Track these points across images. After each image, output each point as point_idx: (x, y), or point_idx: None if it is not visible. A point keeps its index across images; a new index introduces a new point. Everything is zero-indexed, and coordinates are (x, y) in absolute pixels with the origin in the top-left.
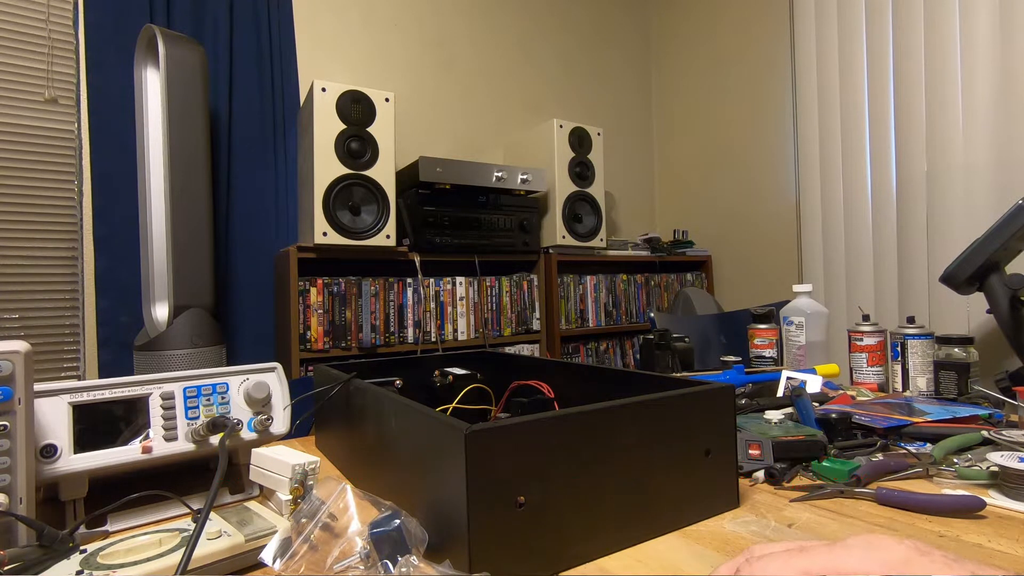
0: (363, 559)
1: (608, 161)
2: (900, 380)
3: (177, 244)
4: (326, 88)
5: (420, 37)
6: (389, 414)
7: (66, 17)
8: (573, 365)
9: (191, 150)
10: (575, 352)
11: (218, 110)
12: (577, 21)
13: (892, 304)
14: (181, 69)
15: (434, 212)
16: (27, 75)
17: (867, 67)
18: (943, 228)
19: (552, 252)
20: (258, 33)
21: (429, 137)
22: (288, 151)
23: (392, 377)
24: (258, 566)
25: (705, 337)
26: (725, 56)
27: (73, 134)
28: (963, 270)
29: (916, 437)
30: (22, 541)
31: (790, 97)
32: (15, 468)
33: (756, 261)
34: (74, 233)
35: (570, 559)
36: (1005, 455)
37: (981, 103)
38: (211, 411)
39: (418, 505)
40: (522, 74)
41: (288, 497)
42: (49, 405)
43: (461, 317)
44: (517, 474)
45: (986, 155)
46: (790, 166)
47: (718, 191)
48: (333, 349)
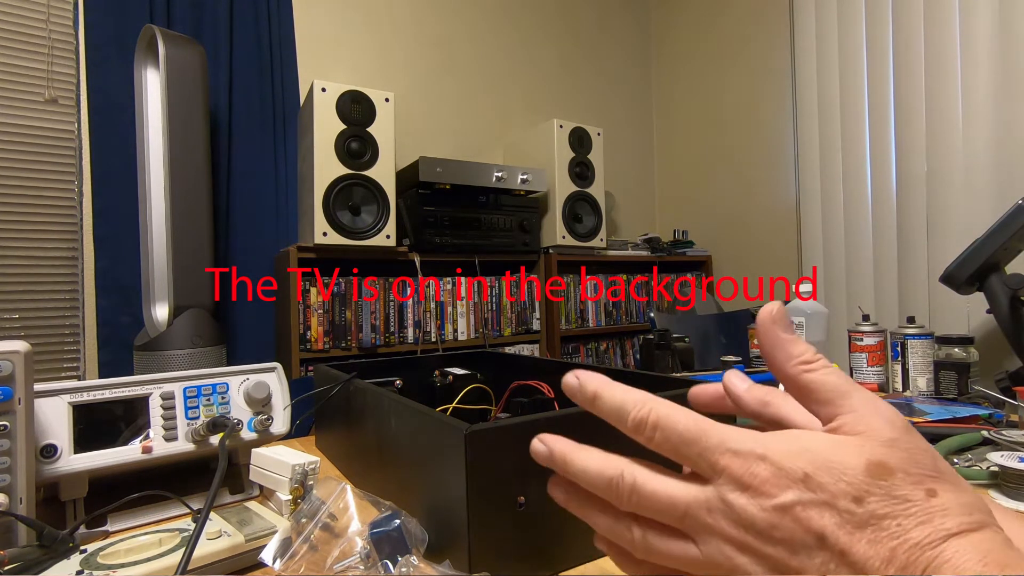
0: (363, 559)
1: (608, 161)
2: (900, 380)
3: (177, 244)
4: (326, 88)
5: (420, 37)
6: (389, 414)
7: (66, 17)
8: (573, 365)
9: (191, 150)
10: (575, 352)
11: (218, 110)
12: (577, 21)
13: (892, 304)
14: (181, 69)
15: (434, 212)
16: (27, 75)
17: (867, 67)
18: (943, 228)
19: (552, 252)
20: (258, 33)
21: (429, 137)
22: (288, 151)
23: (392, 377)
24: (258, 566)
25: (705, 337)
26: (725, 56)
27: (73, 134)
28: (963, 270)
29: None
30: (22, 541)
31: (790, 97)
32: (15, 468)
33: (756, 261)
34: (74, 233)
35: (570, 559)
36: (1005, 455)
37: (981, 103)
38: (211, 411)
39: (418, 505)
40: (522, 74)
41: (288, 497)
42: (49, 405)
43: (461, 317)
44: (517, 474)
45: (986, 155)
46: (790, 166)
47: (718, 191)
48: (333, 349)
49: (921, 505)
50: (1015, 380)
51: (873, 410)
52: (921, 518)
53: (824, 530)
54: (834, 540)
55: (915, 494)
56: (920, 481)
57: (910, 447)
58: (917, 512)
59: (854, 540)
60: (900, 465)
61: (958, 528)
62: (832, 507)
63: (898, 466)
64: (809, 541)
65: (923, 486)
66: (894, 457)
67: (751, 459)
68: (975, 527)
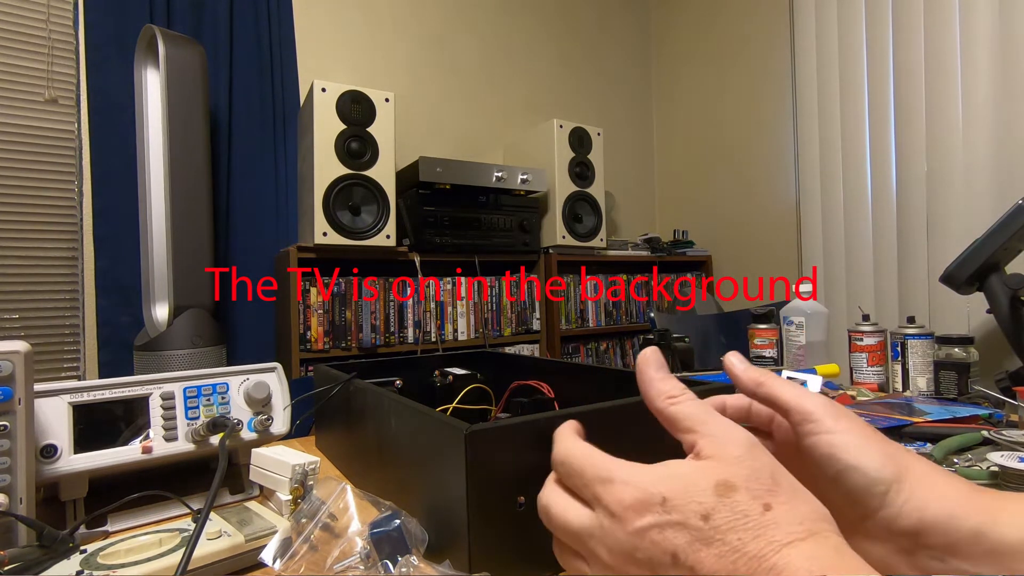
0: (363, 559)
1: (608, 161)
2: (900, 380)
3: (177, 244)
4: (326, 88)
5: (420, 37)
6: (389, 414)
7: (66, 17)
8: (573, 365)
9: (191, 150)
10: (575, 352)
11: (218, 110)
12: (577, 21)
13: (892, 304)
14: (181, 69)
15: (434, 212)
16: (27, 75)
17: (867, 68)
18: (943, 228)
19: (552, 252)
20: (258, 33)
21: (429, 137)
22: (288, 151)
23: (392, 377)
24: (258, 566)
25: (705, 337)
26: (726, 56)
27: (73, 134)
28: (963, 270)
29: (916, 437)
30: (22, 541)
31: (790, 97)
32: (15, 468)
33: (756, 261)
34: (74, 233)
35: None
36: (1005, 455)
37: (981, 103)
38: (211, 411)
39: (418, 505)
40: (522, 74)
41: (288, 497)
42: (49, 405)
43: (461, 317)
44: (517, 474)
45: (986, 155)
46: (790, 166)
47: (718, 191)
48: (333, 349)
49: (756, 519)
50: (1015, 380)
51: (725, 433)
52: (756, 532)
53: (677, 550)
54: (684, 558)
55: (753, 509)
56: (758, 496)
57: (754, 464)
58: (753, 526)
59: (702, 557)
60: (743, 482)
61: (787, 539)
62: (684, 526)
63: (741, 483)
64: (666, 561)
65: (760, 501)
66: (738, 475)
67: (619, 487)
68: (803, 536)
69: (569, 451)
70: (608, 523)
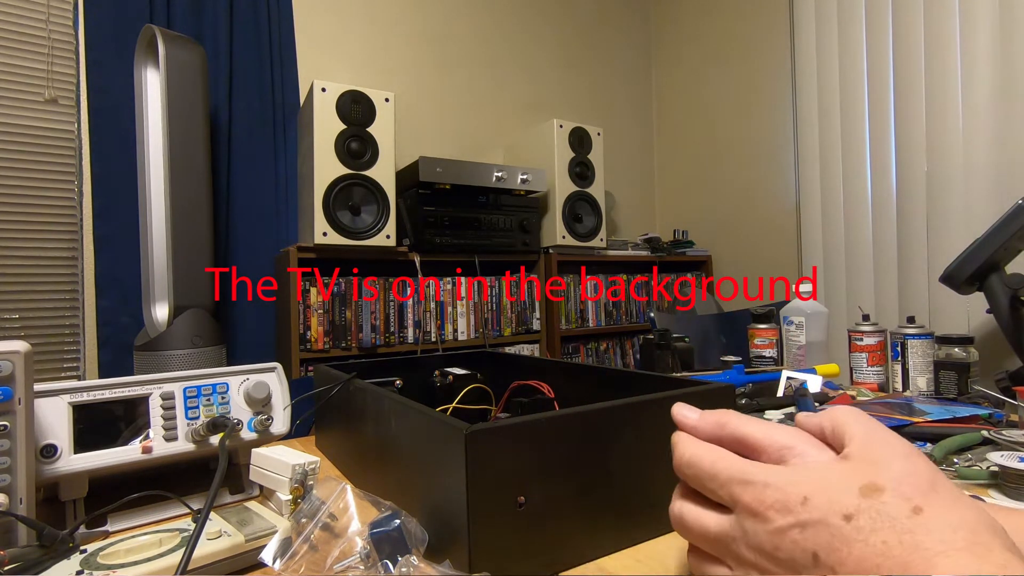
0: (363, 559)
1: (608, 161)
2: (900, 380)
3: (177, 244)
4: (326, 88)
5: (420, 37)
6: (389, 414)
7: (66, 17)
8: (573, 365)
9: (191, 150)
10: (575, 352)
11: (218, 110)
12: (577, 21)
13: (892, 304)
14: (181, 69)
15: (434, 212)
16: (27, 75)
17: (867, 68)
18: (943, 228)
19: (552, 252)
20: (258, 33)
21: (429, 137)
22: (288, 151)
23: (392, 377)
24: (258, 566)
25: (705, 337)
26: (725, 56)
27: (73, 134)
28: (963, 270)
29: (916, 437)
30: (22, 541)
31: (790, 97)
32: (15, 468)
33: (756, 261)
34: (74, 233)
35: (570, 559)
36: (1005, 455)
37: (981, 104)
38: (211, 411)
39: (418, 505)
40: (522, 74)
41: (288, 497)
42: (49, 405)
43: (461, 317)
44: (517, 474)
45: (986, 155)
46: (790, 166)
47: (718, 191)
48: (333, 349)
49: (904, 522)
50: (1015, 380)
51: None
52: (903, 535)
53: (817, 549)
54: (825, 558)
55: (901, 511)
56: (909, 498)
57: (907, 466)
58: (900, 529)
59: (843, 557)
60: (892, 484)
61: (940, 547)
62: (826, 525)
63: (890, 485)
64: (807, 561)
65: (911, 503)
66: (887, 477)
67: (759, 487)
68: (960, 546)
69: (695, 454)
70: (750, 524)
